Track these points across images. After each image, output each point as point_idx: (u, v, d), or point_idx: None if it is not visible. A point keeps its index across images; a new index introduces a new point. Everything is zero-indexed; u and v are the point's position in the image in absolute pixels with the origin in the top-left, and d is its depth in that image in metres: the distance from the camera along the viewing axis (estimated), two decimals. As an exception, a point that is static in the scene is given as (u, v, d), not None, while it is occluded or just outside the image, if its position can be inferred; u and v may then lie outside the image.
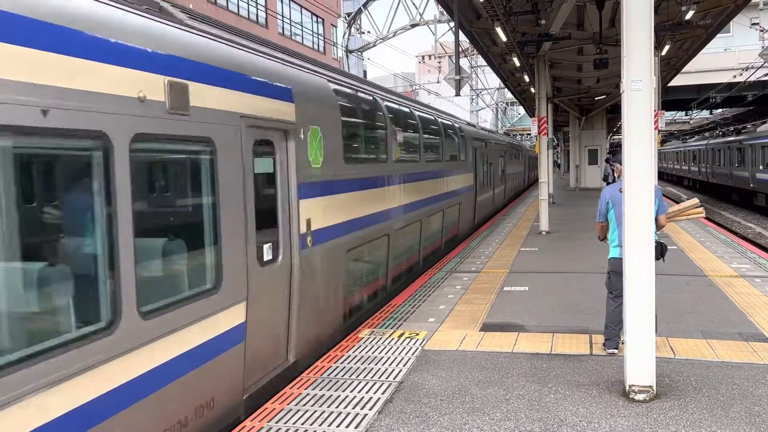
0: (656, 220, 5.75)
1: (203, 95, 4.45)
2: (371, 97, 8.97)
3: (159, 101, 3.97)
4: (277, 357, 5.68)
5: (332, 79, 7.42)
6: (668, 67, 24.39)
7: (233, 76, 4.90)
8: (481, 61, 36.93)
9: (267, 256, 5.38)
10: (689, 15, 14.55)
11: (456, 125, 15.07)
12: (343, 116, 7.20)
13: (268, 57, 5.89)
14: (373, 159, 8.82)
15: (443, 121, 13.85)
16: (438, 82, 39.04)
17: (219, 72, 4.70)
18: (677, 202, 6.34)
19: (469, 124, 19.36)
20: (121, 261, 3.64)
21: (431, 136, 12.17)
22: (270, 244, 5.44)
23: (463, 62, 23.53)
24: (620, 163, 6.28)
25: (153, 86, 3.92)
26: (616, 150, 6.81)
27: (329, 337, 6.72)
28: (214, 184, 4.61)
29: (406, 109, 11.06)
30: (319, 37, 39.86)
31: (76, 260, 3.59)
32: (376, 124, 9.00)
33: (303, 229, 5.92)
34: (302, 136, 5.95)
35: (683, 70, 26.92)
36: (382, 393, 5.22)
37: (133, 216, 3.73)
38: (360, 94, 8.57)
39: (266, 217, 5.42)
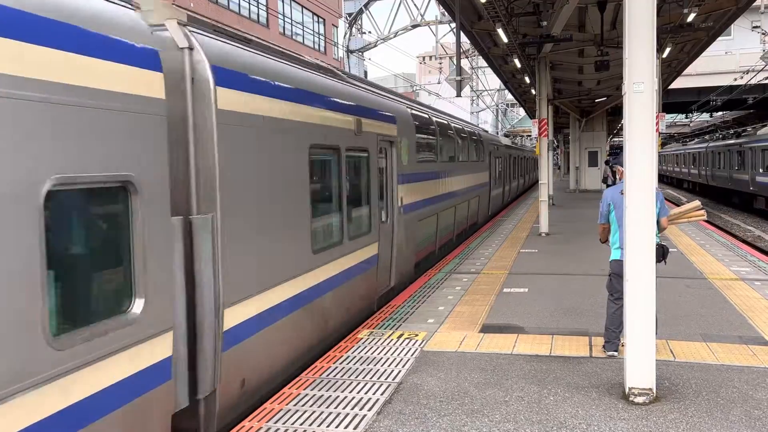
0: (658, 222, 5.74)
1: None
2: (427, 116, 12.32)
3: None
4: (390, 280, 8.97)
5: (409, 106, 11.01)
6: (669, 69, 24.39)
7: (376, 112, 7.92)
8: (481, 62, 36.93)
9: (383, 217, 8.81)
10: (691, 18, 14.55)
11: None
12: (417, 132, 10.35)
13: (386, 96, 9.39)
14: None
15: None
16: (439, 83, 39.04)
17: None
18: (677, 205, 6.33)
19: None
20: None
21: None
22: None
23: (464, 63, 23.53)
24: (621, 165, 6.28)
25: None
26: (616, 152, 6.77)
27: (408, 274, 10.05)
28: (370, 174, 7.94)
29: None
30: (320, 37, 39.87)
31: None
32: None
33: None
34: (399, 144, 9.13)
35: (684, 72, 26.93)
36: (381, 394, 5.22)
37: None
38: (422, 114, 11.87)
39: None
